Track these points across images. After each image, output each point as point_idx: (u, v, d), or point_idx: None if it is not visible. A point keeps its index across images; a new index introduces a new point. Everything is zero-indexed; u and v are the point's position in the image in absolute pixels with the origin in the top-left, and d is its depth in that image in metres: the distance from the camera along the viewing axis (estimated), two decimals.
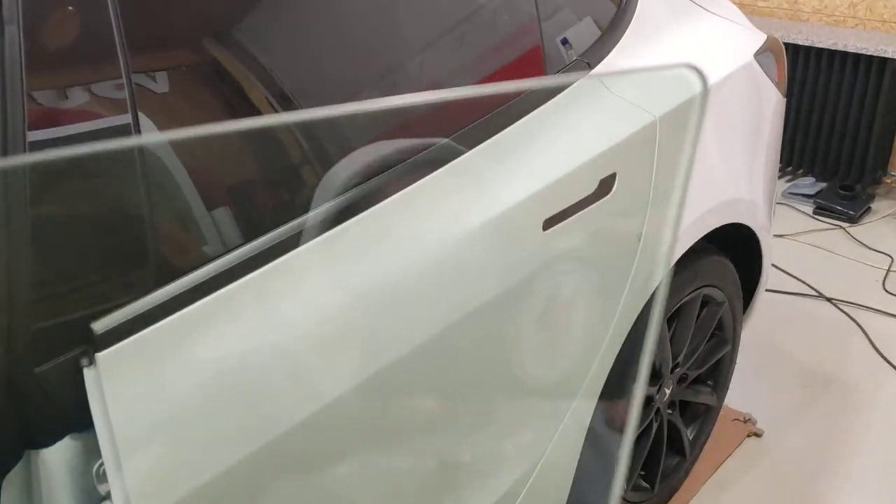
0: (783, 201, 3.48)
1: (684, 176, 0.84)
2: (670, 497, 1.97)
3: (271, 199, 1.11)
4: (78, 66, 0.96)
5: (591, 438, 1.51)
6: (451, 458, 1.26)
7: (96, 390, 0.85)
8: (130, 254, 0.92)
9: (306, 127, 1.16)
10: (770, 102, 1.91)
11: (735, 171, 1.77)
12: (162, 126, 1.02)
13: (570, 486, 1.54)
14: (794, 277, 2.91)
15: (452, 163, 1.21)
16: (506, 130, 1.29)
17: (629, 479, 1.78)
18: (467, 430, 1.28)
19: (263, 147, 1.11)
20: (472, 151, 1.23)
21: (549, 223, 1.30)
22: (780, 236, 3.18)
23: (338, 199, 1.07)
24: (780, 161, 3.68)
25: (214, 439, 0.92)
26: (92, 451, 0.87)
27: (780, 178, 3.68)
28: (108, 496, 0.88)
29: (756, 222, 1.85)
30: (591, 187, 1.36)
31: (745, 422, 2.21)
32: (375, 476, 1.13)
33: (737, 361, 2.06)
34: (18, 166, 0.84)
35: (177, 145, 1.04)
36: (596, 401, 1.50)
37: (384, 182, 1.13)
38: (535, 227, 1.28)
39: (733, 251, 1.85)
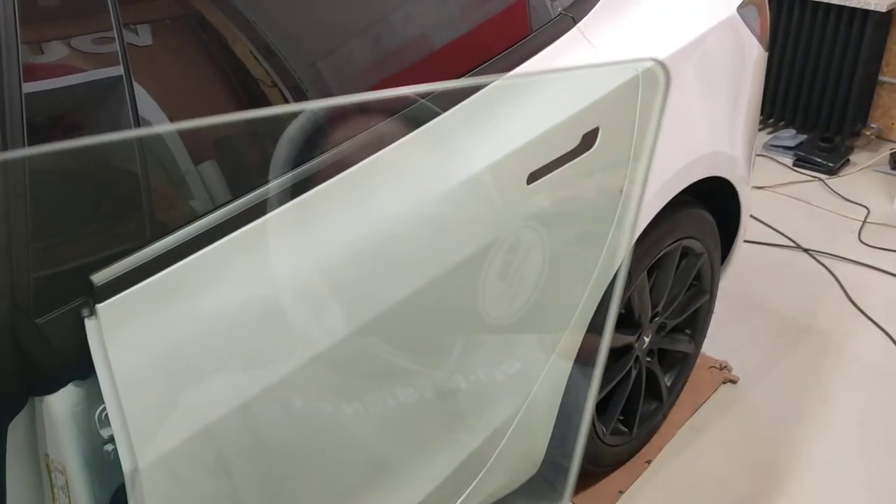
0: (764, 153, 3.52)
1: (645, 167, 0.87)
2: (648, 440, 2.04)
3: (256, 157, 1.14)
4: (70, 19, 0.97)
5: (573, 380, 1.57)
6: (444, 398, 1.31)
7: (97, 339, 0.88)
8: (127, 209, 0.95)
9: (290, 83, 1.18)
10: (752, 56, 1.93)
11: (715, 126, 1.80)
12: (148, 78, 1.04)
13: (553, 421, 1.60)
14: (772, 228, 2.96)
15: (436, 119, 1.23)
16: (488, 87, 1.31)
17: (608, 423, 1.84)
18: (456, 372, 1.33)
19: (249, 106, 1.13)
20: (455, 108, 1.25)
21: (533, 177, 1.33)
22: (760, 188, 3.22)
23: (321, 157, 1.10)
24: (762, 113, 3.71)
25: (210, 386, 0.96)
26: (94, 398, 0.91)
27: (761, 130, 3.72)
28: (110, 440, 0.92)
29: (735, 175, 1.88)
30: (574, 142, 1.39)
31: (720, 369, 2.28)
32: (368, 422, 1.18)
33: (714, 311, 2.11)
34: (16, 121, 0.85)
35: (170, 108, 1.06)
36: (579, 343, 1.55)
37: (369, 139, 1.15)
38: (520, 180, 1.31)
39: (712, 203, 1.89)
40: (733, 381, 2.26)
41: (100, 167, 0.99)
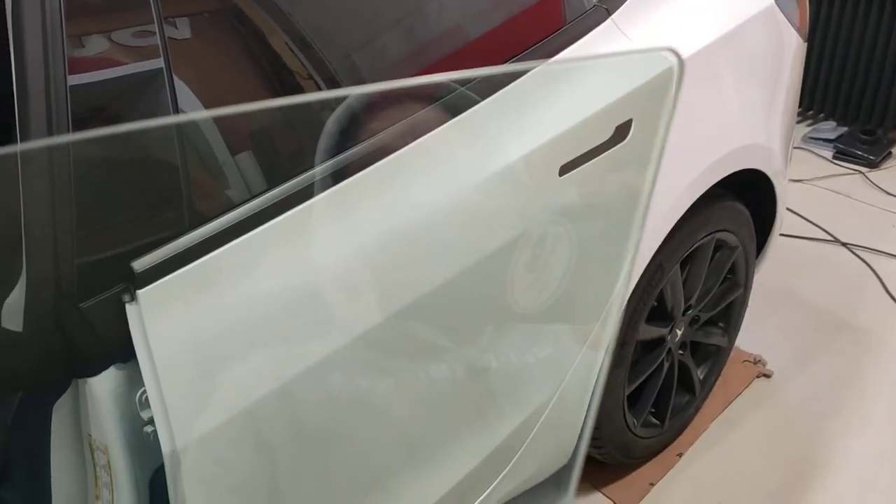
0: (803, 146, 3.47)
1: (654, 166, 0.87)
2: (679, 433, 2.03)
3: (292, 148, 1.16)
4: (112, 13, 1.00)
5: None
6: (475, 385, 1.32)
7: (138, 324, 0.91)
8: (167, 198, 0.98)
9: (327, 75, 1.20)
10: (790, 47, 1.91)
11: (752, 118, 1.78)
12: (187, 71, 1.06)
13: (584, 413, 1.61)
14: (811, 222, 2.92)
15: (471, 109, 1.24)
16: (523, 78, 1.32)
17: (640, 415, 1.84)
18: (488, 360, 1.34)
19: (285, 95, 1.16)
20: (489, 98, 1.26)
21: (565, 169, 1.34)
22: (799, 181, 3.18)
23: (358, 147, 1.11)
24: (801, 105, 3.66)
25: (247, 370, 0.99)
26: (134, 381, 0.94)
27: (800, 122, 3.67)
28: (150, 421, 0.95)
29: (771, 168, 1.86)
30: (607, 133, 1.39)
31: (755, 363, 2.26)
32: (401, 408, 1.20)
33: (749, 304, 2.10)
34: (61, 112, 0.88)
35: (209, 100, 1.09)
36: (613, 331, 1.55)
37: (405, 128, 1.17)
38: (552, 172, 1.32)
39: (748, 196, 1.87)
40: (767, 376, 2.24)
41: (141, 157, 1.02)
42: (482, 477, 1.46)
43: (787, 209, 2.89)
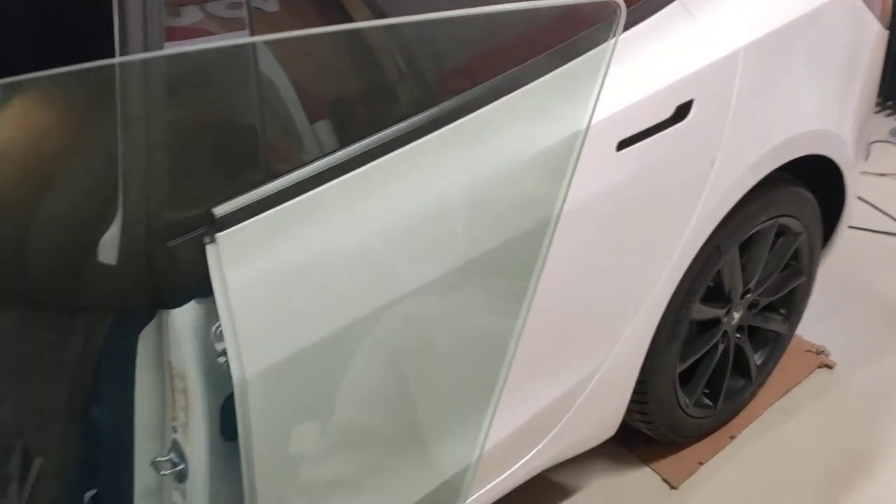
0: (889, 139, 3.38)
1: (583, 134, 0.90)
2: (733, 417, 2.05)
3: (361, 114, 1.25)
4: None
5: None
6: (523, 344, 1.39)
7: (216, 264, 1.01)
8: (247, 153, 1.08)
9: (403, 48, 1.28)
10: (869, 34, 1.89)
11: (823, 104, 1.77)
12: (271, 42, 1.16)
13: (632, 387, 1.66)
14: (890, 216, 2.86)
15: (533, 83, 1.30)
16: (587, 54, 1.36)
17: (692, 394, 1.87)
18: (538, 321, 1.40)
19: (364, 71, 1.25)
20: (553, 72, 1.31)
21: (623, 144, 1.38)
22: (882, 175, 3.10)
23: (423, 114, 1.19)
24: (889, 98, 3.55)
25: (307, 313, 1.08)
26: (211, 315, 1.04)
27: (888, 115, 3.56)
28: (223, 353, 1.06)
29: (841, 157, 1.84)
30: (667, 112, 1.43)
31: (817, 354, 2.25)
32: (447, 362, 1.28)
33: (819, 297, 2.09)
34: (160, 76, 0.99)
35: (285, 63, 1.18)
36: (662, 311, 1.60)
37: (472, 98, 1.23)
38: (610, 147, 1.37)
39: (817, 184, 1.86)
40: (829, 367, 2.22)
41: (226, 117, 1.12)
42: (527, 439, 1.53)
43: (867, 202, 2.85)
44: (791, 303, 2.03)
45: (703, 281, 1.69)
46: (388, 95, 1.29)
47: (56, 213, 1.10)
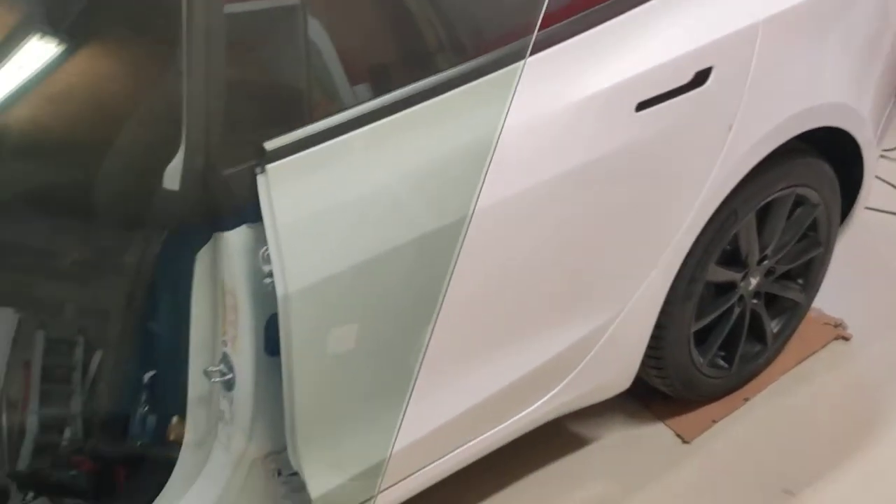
0: None
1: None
2: (748, 380, 2.13)
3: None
4: None
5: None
6: (545, 288, 1.50)
7: (265, 192, 1.15)
8: (295, 97, 1.21)
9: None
10: (894, 15, 1.95)
11: (842, 78, 1.83)
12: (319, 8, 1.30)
13: (647, 341, 1.76)
14: None
15: (563, 44, 1.41)
16: (614, 20, 1.46)
17: (706, 354, 1.96)
18: (560, 274, 1.52)
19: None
20: (580, 35, 1.42)
21: (642, 106, 1.48)
22: None
23: (456, 68, 1.31)
24: None
25: (343, 241, 1.21)
26: (260, 239, 1.18)
27: None
28: (269, 274, 1.19)
29: (859, 133, 1.90)
30: (686, 77, 1.52)
31: (835, 326, 2.32)
32: (475, 296, 1.40)
33: (840, 276, 2.14)
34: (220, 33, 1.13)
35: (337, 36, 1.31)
36: (677, 268, 1.69)
37: (502, 55, 1.34)
38: (630, 107, 1.47)
39: (837, 160, 1.93)
40: (846, 339, 2.29)
41: (279, 67, 1.26)
42: (544, 380, 1.65)
43: (888, 183, 2.89)
44: (808, 273, 2.10)
45: (718, 243, 1.78)
46: (420, 55, 1.42)
47: (126, 146, 1.25)
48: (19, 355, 1.44)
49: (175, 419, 1.33)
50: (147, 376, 1.32)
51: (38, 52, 1.43)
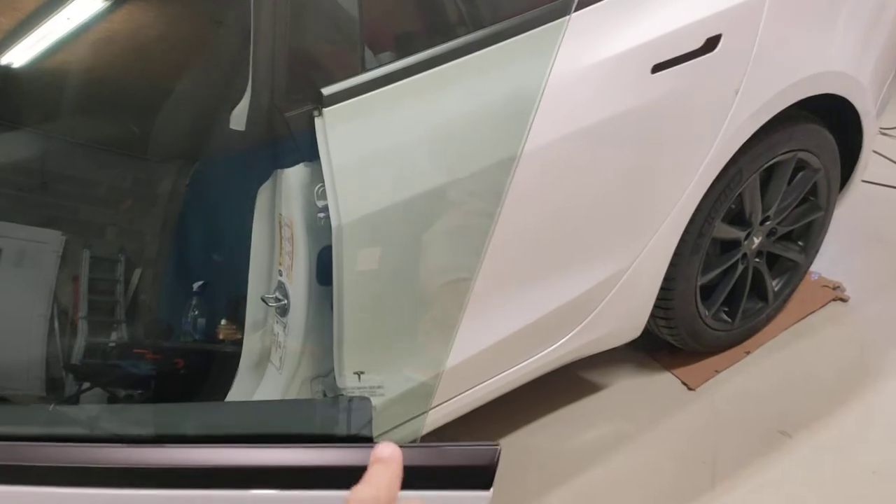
0: None
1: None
2: (750, 335, 2.27)
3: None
4: None
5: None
6: (566, 234, 1.63)
7: (322, 133, 1.28)
8: (350, 47, 1.35)
9: None
10: None
11: (844, 47, 1.95)
12: None
13: (657, 291, 1.90)
14: None
15: (585, 9, 1.54)
16: None
17: (711, 307, 2.10)
18: (574, 224, 1.65)
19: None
20: (599, 3, 1.55)
21: (658, 68, 1.62)
22: None
23: (493, 27, 1.44)
24: None
25: (390, 180, 1.35)
26: (316, 176, 1.32)
27: None
28: (323, 209, 1.33)
29: (859, 101, 2.03)
30: (697, 43, 1.65)
31: (833, 288, 2.45)
32: (505, 238, 1.53)
33: (839, 244, 2.27)
34: None
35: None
36: (686, 223, 1.83)
37: (516, 24, 1.47)
38: (646, 69, 1.60)
39: (840, 136, 2.06)
40: (844, 300, 2.43)
41: (337, 26, 1.40)
42: (566, 320, 1.79)
43: (890, 160, 3.02)
44: (808, 235, 2.24)
45: (724, 201, 1.92)
46: (470, 12, 1.54)
47: (192, 90, 1.39)
48: (68, 271, 1.60)
49: (223, 321, 1.48)
50: (196, 285, 1.48)
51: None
